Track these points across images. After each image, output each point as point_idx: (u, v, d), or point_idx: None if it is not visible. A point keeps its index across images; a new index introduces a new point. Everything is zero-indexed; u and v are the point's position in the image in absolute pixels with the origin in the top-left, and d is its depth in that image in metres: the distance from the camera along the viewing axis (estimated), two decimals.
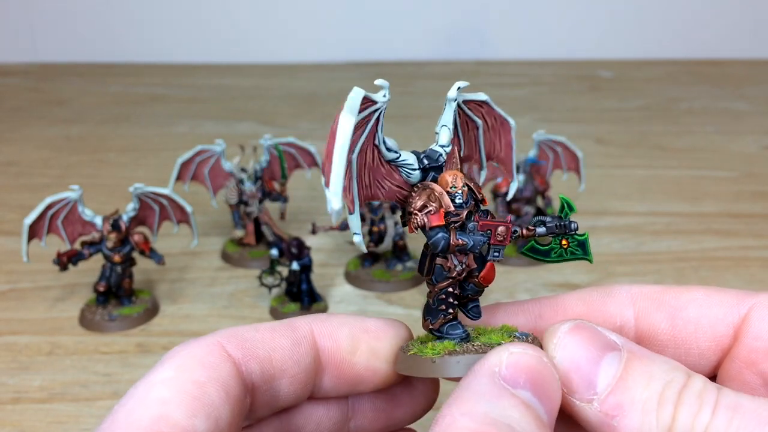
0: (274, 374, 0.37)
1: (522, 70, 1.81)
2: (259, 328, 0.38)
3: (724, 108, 1.54)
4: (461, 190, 0.37)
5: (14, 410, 0.65)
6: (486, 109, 0.41)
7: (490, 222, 0.38)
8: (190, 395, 0.32)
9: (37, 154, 1.28)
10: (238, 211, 0.92)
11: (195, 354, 0.34)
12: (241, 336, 0.36)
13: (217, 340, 0.35)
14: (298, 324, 0.39)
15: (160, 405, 0.31)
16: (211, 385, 0.33)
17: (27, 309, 0.81)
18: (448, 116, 0.40)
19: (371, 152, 0.38)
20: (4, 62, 1.85)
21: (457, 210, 0.37)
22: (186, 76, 1.77)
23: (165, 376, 0.33)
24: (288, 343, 0.38)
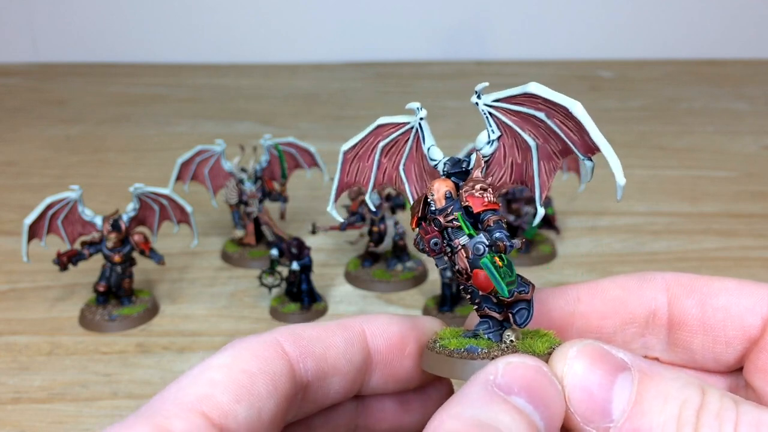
0: (328, 372, 0.38)
1: (522, 70, 1.81)
2: (314, 326, 0.39)
3: (724, 108, 1.54)
4: (432, 199, 0.39)
5: (14, 410, 0.65)
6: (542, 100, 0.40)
7: (423, 232, 0.39)
8: (239, 383, 0.33)
9: (37, 154, 1.28)
10: (238, 211, 0.92)
11: (252, 347, 0.36)
12: (299, 334, 0.38)
13: (275, 337, 0.37)
14: (351, 323, 0.40)
15: (208, 386, 0.33)
16: (260, 377, 0.34)
17: (27, 309, 0.81)
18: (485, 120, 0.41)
19: (424, 161, 0.42)
20: (4, 62, 1.85)
21: (431, 216, 0.39)
22: (186, 76, 1.77)
23: (220, 362, 0.34)
24: (341, 342, 0.39)
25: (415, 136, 0.42)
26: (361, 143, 0.43)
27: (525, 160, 0.40)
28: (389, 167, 0.44)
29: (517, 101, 0.40)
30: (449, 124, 1.42)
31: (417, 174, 0.43)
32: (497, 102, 0.40)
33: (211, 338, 0.76)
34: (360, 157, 0.44)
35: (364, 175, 0.44)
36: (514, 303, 0.39)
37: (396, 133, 0.42)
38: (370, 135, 0.43)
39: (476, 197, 0.38)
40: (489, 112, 0.41)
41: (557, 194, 0.97)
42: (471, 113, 1.66)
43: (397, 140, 0.43)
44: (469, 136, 1.07)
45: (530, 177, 0.40)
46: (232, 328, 0.78)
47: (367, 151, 0.43)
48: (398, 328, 0.40)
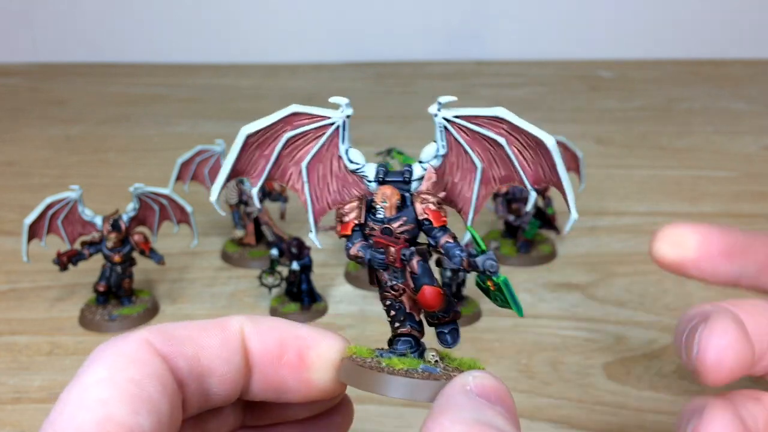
0: (202, 372, 0.36)
1: (522, 70, 1.81)
2: (188, 326, 0.37)
3: (724, 108, 1.54)
4: (382, 206, 0.37)
5: (14, 410, 0.65)
6: (508, 126, 0.38)
7: (383, 240, 0.38)
8: (129, 393, 0.32)
9: (37, 154, 1.28)
10: (238, 211, 0.92)
11: (124, 351, 0.34)
12: (169, 333, 0.36)
13: (144, 337, 0.35)
14: (230, 323, 0.38)
15: (101, 406, 0.31)
16: (147, 381, 0.33)
17: (27, 309, 0.81)
18: (436, 133, 0.39)
19: (337, 162, 0.40)
20: (4, 62, 1.85)
21: (371, 223, 0.38)
22: (186, 76, 1.77)
23: (99, 377, 0.32)
24: (217, 342, 0.37)
25: (333, 133, 0.39)
26: (266, 129, 0.39)
27: (463, 180, 0.40)
28: (287, 162, 0.40)
29: (478, 122, 0.38)
30: None
31: (321, 175, 0.40)
32: (458, 118, 0.39)
33: None
34: (260, 145, 0.39)
35: (258, 165, 0.40)
36: (444, 323, 0.39)
37: (309, 126, 0.39)
38: (279, 122, 0.39)
39: (434, 211, 0.37)
40: (445, 126, 0.39)
41: (557, 194, 0.96)
42: None
43: (307, 134, 0.39)
44: None
45: (465, 198, 0.40)
46: None
47: (269, 140, 0.39)
48: (279, 333, 0.38)
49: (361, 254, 0.38)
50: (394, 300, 0.39)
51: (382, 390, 0.36)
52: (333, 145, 0.39)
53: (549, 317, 0.79)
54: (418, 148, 0.42)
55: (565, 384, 0.68)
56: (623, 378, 0.69)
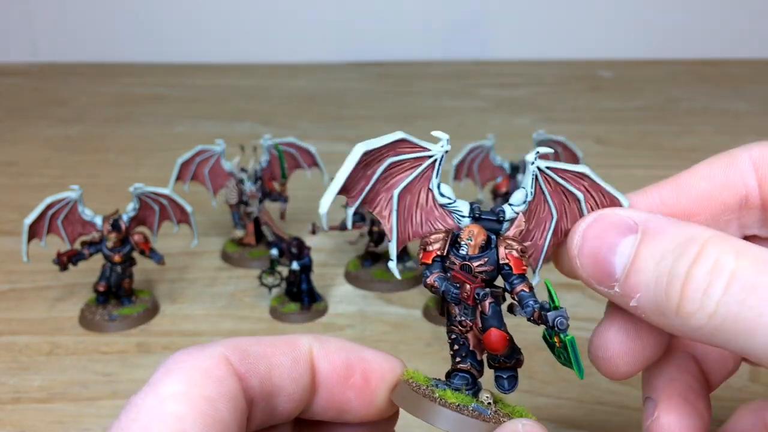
0: (273, 391, 0.36)
1: (522, 70, 1.81)
2: (261, 342, 0.37)
3: (724, 108, 1.54)
4: (467, 242, 0.38)
5: (14, 410, 0.65)
6: (588, 183, 0.41)
7: (461, 275, 0.38)
8: (204, 412, 0.32)
9: (37, 154, 1.28)
10: (238, 211, 0.92)
11: (202, 367, 0.34)
12: (245, 350, 0.36)
13: (222, 353, 0.35)
14: (299, 342, 0.38)
15: (176, 421, 0.31)
16: (221, 401, 0.33)
17: (27, 309, 0.81)
18: (527, 179, 0.41)
19: (425, 194, 0.41)
20: (4, 62, 1.85)
21: (453, 257, 0.38)
22: (186, 76, 1.77)
23: (175, 390, 0.32)
24: (288, 361, 0.37)
25: (428, 166, 0.40)
26: (376, 150, 0.39)
27: (537, 227, 0.42)
28: (380, 187, 0.40)
29: (564, 175, 0.41)
30: (449, 124, 1.42)
31: (408, 205, 0.40)
32: (548, 169, 0.41)
33: (211, 338, 0.76)
34: (366, 165, 0.39)
35: (359, 185, 0.40)
36: (504, 368, 0.39)
37: (409, 155, 0.39)
38: (388, 146, 0.39)
39: (516, 258, 0.38)
40: (536, 175, 0.41)
41: None
42: (471, 113, 1.67)
43: (405, 162, 0.40)
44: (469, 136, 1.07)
45: (536, 245, 0.42)
46: (232, 328, 0.78)
47: (374, 162, 0.39)
48: (346, 355, 0.39)
49: (437, 285, 0.38)
50: (459, 335, 0.39)
51: (431, 419, 0.36)
52: (425, 178, 0.40)
53: None
54: None
55: (565, 384, 0.68)
56: None
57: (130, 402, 0.32)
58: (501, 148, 0.94)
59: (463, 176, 0.93)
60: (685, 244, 0.34)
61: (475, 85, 1.69)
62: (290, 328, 0.78)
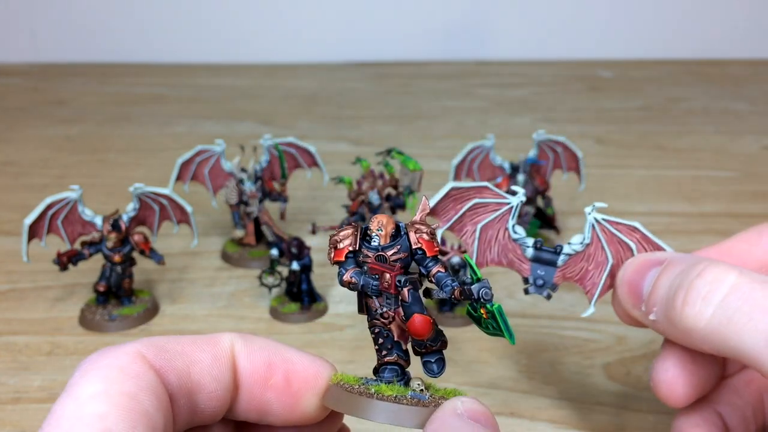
0: (192, 388, 0.36)
1: (522, 70, 1.81)
2: (180, 341, 0.37)
3: (724, 108, 1.54)
4: (378, 233, 0.38)
5: (14, 410, 0.65)
6: (640, 235, 0.51)
7: (377, 266, 0.38)
8: (126, 408, 0.31)
9: (37, 154, 1.28)
10: (238, 211, 0.92)
11: (118, 364, 0.33)
12: (161, 346, 0.35)
13: (136, 349, 0.34)
14: (220, 339, 0.38)
15: (99, 421, 0.30)
16: (143, 394, 0.32)
17: (27, 309, 0.81)
18: (585, 227, 0.52)
19: (503, 232, 0.53)
20: (4, 62, 1.85)
21: (366, 251, 0.38)
22: (186, 76, 1.77)
23: (94, 390, 0.32)
24: (208, 358, 0.37)
25: (507, 211, 0.53)
26: (465, 190, 0.52)
27: (595, 269, 0.52)
28: (467, 220, 0.53)
29: (618, 227, 0.51)
30: (449, 124, 1.43)
31: (487, 238, 0.53)
32: (604, 220, 0.51)
33: None
34: (455, 199, 0.53)
35: (448, 213, 0.53)
36: (431, 352, 0.39)
37: (493, 200, 0.53)
38: (475, 189, 0.52)
39: (428, 241, 0.38)
40: (593, 224, 0.51)
41: (557, 194, 0.97)
42: (470, 113, 1.67)
43: (489, 205, 0.53)
44: (469, 136, 1.07)
45: (593, 283, 0.52)
46: (232, 328, 0.78)
47: (462, 198, 0.53)
48: (269, 355, 0.38)
49: (354, 280, 0.38)
50: (382, 328, 0.39)
51: (370, 415, 0.36)
52: (504, 220, 0.53)
53: (549, 317, 0.79)
54: (418, 148, 0.42)
55: (565, 384, 0.68)
56: (623, 378, 0.69)
57: (52, 410, 0.32)
58: (501, 148, 0.94)
59: (463, 176, 0.93)
60: (693, 264, 0.42)
61: (475, 85, 1.69)
62: (290, 328, 0.78)
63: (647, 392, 0.67)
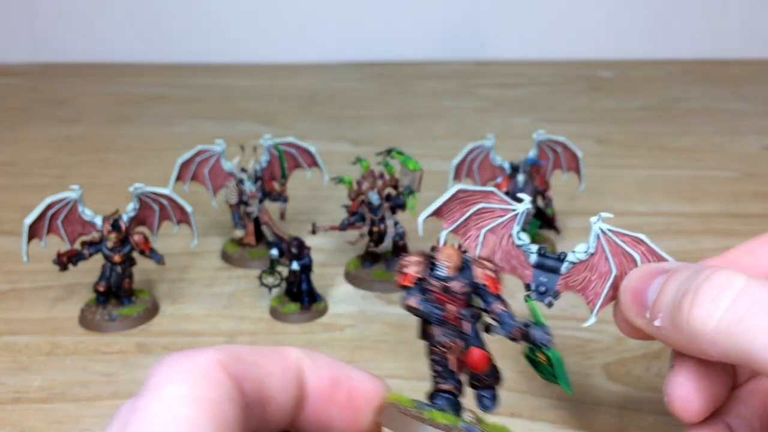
0: (263, 399, 0.36)
1: (522, 70, 1.81)
2: (253, 351, 0.37)
3: (724, 108, 1.54)
4: (445, 264, 0.39)
5: (14, 410, 0.65)
6: (645, 247, 0.49)
7: (442, 296, 0.39)
8: (211, 414, 0.31)
9: (37, 154, 1.28)
10: (238, 211, 0.92)
11: (201, 370, 0.33)
12: (237, 355, 0.36)
13: (216, 356, 0.34)
14: (289, 353, 0.38)
15: (187, 424, 0.31)
16: (225, 403, 0.32)
17: (27, 309, 0.81)
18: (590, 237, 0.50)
19: (507, 238, 0.51)
20: (4, 62, 1.85)
21: (432, 279, 0.39)
22: (186, 76, 1.77)
23: (179, 393, 0.32)
24: (279, 370, 0.37)
25: (512, 217, 0.51)
26: (472, 192, 0.51)
27: (598, 279, 0.51)
28: (472, 224, 0.52)
29: (623, 238, 0.50)
30: (449, 124, 1.42)
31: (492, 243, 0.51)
32: (609, 231, 0.50)
33: (211, 338, 0.76)
34: (461, 201, 0.51)
35: (453, 216, 0.51)
36: (485, 387, 0.40)
37: (499, 205, 0.51)
38: (480, 192, 0.51)
39: (492, 278, 0.40)
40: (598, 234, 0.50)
41: (557, 194, 0.96)
42: (470, 113, 1.67)
43: (495, 210, 0.51)
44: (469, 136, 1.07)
45: (596, 293, 0.51)
46: (232, 328, 0.78)
47: (468, 202, 0.51)
48: (334, 371, 0.39)
49: (419, 306, 0.39)
50: (440, 356, 0.40)
51: None
52: (508, 226, 0.51)
53: (549, 317, 0.79)
54: (418, 148, 0.42)
55: None
56: (623, 378, 0.69)
57: (135, 406, 0.32)
58: (501, 148, 0.94)
59: (463, 176, 0.93)
60: (700, 270, 0.41)
61: (475, 85, 1.69)
62: (290, 328, 0.78)
63: (647, 392, 0.67)
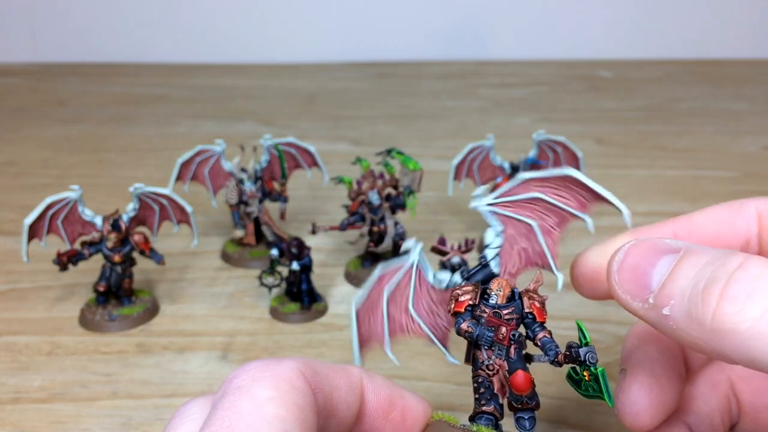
0: (330, 412, 0.37)
1: (522, 70, 1.81)
2: (324, 365, 0.39)
3: (724, 108, 1.54)
4: (497, 293, 0.42)
5: (14, 410, 0.65)
6: (536, 182, 0.44)
7: (495, 319, 0.42)
8: (298, 417, 0.33)
9: (37, 154, 1.28)
10: (238, 211, 0.92)
11: (286, 376, 0.35)
12: (313, 368, 0.37)
13: (297, 366, 0.36)
14: (353, 371, 0.40)
15: (280, 423, 0.32)
16: (308, 409, 0.34)
17: (27, 309, 0.81)
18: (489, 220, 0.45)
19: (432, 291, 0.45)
20: (4, 62, 1.85)
21: (484, 307, 0.42)
22: (186, 76, 1.77)
23: (269, 395, 0.33)
24: (345, 386, 0.39)
25: (417, 272, 0.44)
26: (369, 296, 0.44)
27: (528, 242, 0.46)
28: (397, 314, 0.45)
29: (510, 193, 0.44)
30: (449, 124, 1.42)
31: (426, 309, 0.46)
32: (495, 200, 0.44)
33: (211, 338, 0.76)
34: (370, 310, 0.44)
35: (377, 329, 0.44)
36: (526, 409, 0.42)
37: (397, 276, 0.44)
38: (375, 286, 0.44)
39: (539, 308, 0.42)
40: (490, 210, 0.44)
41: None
42: (471, 113, 1.66)
43: (400, 283, 0.44)
44: (469, 136, 1.07)
45: (539, 253, 0.46)
46: (232, 328, 0.78)
47: (374, 303, 0.44)
48: (390, 391, 0.41)
49: (471, 329, 0.42)
50: (486, 378, 0.42)
51: None
52: (423, 280, 0.45)
53: (549, 317, 0.79)
54: (418, 148, 0.42)
55: (565, 384, 0.68)
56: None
57: (223, 404, 0.33)
58: (501, 148, 0.94)
59: (463, 176, 0.93)
60: (727, 255, 0.34)
61: (475, 85, 1.69)
62: (290, 328, 0.78)
63: None
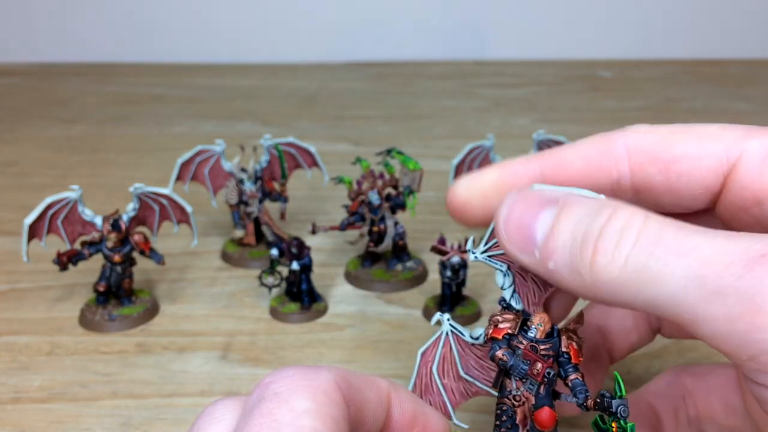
0: (359, 423, 0.38)
1: (522, 70, 1.81)
2: (356, 377, 0.39)
3: (724, 108, 1.54)
4: (537, 327, 0.42)
5: (14, 410, 0.65)
6: None
7: (532, 354, 0.42)
8: (333, 430, 0.33)
9: (37, 154, 1.28)
10: (238, 211, 0.92)
11: (324, 388, 0.35)
12: (347, 379, 0.37)
13: (333, 378, 0.36)
14: (381, 383, 0.40)
15: None
16: (343, 422, 0.34)
17: (27, 309, 0.81)
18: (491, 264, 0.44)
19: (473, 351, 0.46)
20: (4, 62, 1.85)
21: (521, 338, 0.42)
22: (186, 76, 1.77)
23: (307, 406, 0.33)
24: (374, 398, 0.39)
25: (455, 338, 0.46)
26: (419, 378, 0.46)
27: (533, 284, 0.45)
28: (452, 383, 0.46)
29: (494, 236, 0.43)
30: (449, 124, 1.42)
31: (477, 366, 0.46)
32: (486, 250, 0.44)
33: (211, 338, 0.76)
34: (425, 391, 0.47)
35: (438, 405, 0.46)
36: None
37: (438, 349, 0.46)
38: (421, 368, 0.46)
39: (576, 350, 0.42)
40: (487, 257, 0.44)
41: None
42: (471, 113, 1.66)
43: (443, 356, 0.46)
44: (469, 136, 1.07)
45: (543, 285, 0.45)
46: (232, 328, 0.78)
47: (427, 385, 0.46)
48: (414, 406, 0.41)
49: (506, 358, 0.42)
50: (510, 408, 0.43)
51: None
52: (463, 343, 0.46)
53: None
54: (418, 148, 0.43)
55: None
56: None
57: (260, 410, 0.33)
58: (501, 148, 0.94)
59: None
60: (599, 208, 0.37)
61: (475, 85, 1.69)
62: (290, 328, 0.78)
63: None
